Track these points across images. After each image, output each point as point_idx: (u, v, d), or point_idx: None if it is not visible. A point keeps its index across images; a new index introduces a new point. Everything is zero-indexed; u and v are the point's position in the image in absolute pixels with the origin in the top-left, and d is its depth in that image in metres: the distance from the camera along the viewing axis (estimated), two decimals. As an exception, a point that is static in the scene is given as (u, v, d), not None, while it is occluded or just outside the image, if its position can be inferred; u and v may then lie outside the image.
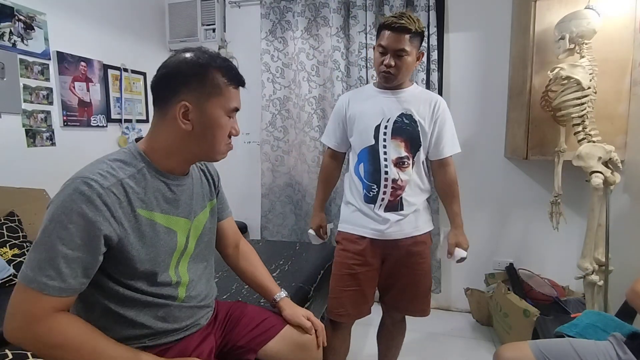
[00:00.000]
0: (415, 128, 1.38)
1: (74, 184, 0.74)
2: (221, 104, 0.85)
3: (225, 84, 0.84)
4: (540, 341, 1.19)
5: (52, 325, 0.72)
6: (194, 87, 0.82)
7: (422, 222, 1.46)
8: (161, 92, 0.84)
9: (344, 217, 1.50)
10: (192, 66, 0.82)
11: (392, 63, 1.32)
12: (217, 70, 0.83)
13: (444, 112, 1.42)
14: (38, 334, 0.71)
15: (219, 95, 0.84)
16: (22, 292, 0.72)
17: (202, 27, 2.74)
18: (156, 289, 0.86)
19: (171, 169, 0.88)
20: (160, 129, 0.85)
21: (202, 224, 0.99)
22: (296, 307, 1.13)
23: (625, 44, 1.81)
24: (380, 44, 1.34)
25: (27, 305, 0.71)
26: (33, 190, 1.85)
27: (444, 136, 1.42)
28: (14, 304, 0.72)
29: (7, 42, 1.80)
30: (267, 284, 1.15)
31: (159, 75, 0.84)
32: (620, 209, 1.81)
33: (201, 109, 0.83)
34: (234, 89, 0.87)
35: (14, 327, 0.72)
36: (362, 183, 1.42)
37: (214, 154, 0.89)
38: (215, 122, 0.85)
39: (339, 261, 1.46)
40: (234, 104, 0.87)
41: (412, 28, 1.29)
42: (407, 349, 1.74)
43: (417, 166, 1.42)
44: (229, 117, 0.87)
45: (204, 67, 0.82)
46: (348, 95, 1.53)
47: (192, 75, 0.82)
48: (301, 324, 1.08)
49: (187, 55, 0.83)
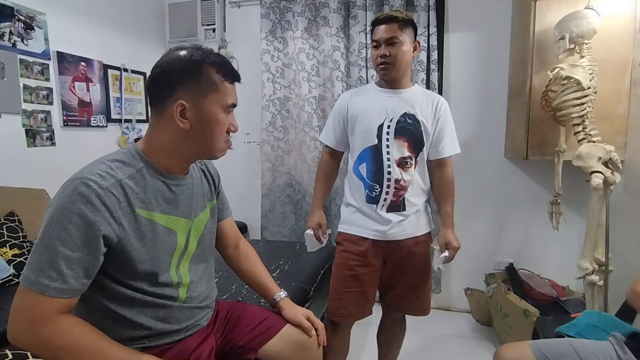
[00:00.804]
0: (419, 128, 1.38)
1: (72, 184, 0.74)
2: (218, 101, 0.84)
3: (220, 80, 0.84)
4: (540, 341, 1.19)
5: (54, 327, 0.72)
6: (190, 84, 0.81)
7: (423, 222, 1.46)
8: (157, 92, 0.84)
9: (344, 218, 1.50)
10: (186, 63, 0.82)
11: (386, 52, 1.33)
12: (212, 67, 0.83)
13: (445, 112, 1.43)
14: (41, 337, 0.71)
15: (215, 91, 0.84)
16: (23, 295, 0.72)
17: (202, 27, 2.74)
18: (157, 289, 0.86)
19: (170, 168, 0.88)
20: (159, 128, 0.85)
21: (203, 224, 0.99)
22: (296, 307, 1.13)
23: (625, 44, 1.81)
24: (373, 40, 1.38)
25: (29, 308, 0.71)
26: (33, 190, 1.85)
27: (444, 136, 1.42)
28: (16, 306, 0.72)
29: (7, 42, 1.80)
30: (267, 284, 1.15)
31: (153, 75, 0.83)
32: (620, 209, 1.81)
33: (198, 106, 0.83)
34: (229, 84, 0.87)
35: (17, 329, 0.72)
36: (363, 183, 1.41)
37: (213, 151, 0.89)
38: (213, 119, 0.85)
39: (340, 262, 1.45)
40: (231, 99, 0.87)
41: (399, 16, 1.33)
42: (407, 349, 1.74)
43: (420, 166, 1.42)
44: (226, 114, 0.87)
45: (198, 63, 0.82)
46: (350, 94, 1.52)
47: (187, 72, 0.81)
48: (301, 323, 1.08)
49: (181, 53, 0.83)
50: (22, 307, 0.72)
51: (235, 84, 0.90)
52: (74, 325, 0.74)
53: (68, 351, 0.72)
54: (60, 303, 0.72)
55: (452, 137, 1.45)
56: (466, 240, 2.39)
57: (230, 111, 0.89)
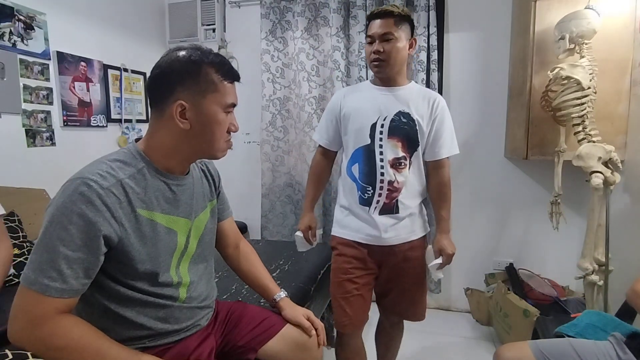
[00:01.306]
0: (413, 127, 1.32)
1: (73, 184, 0.74)
2: (217, 100, 0.84)
3: (219, 80, 0.84)
4: (540, 341, 1.19)
5: (55, 327, 0.72)
6: (189, 85, 0.82)
7: (418, 226, 1.41)
8: (157, 92, 0.84)
9: (337, 220, 1.46)
10: (185, 64, 0.82)
11: (380, 49, 1.28)
12: (210, 66, 0.83)
13: (442, 110, 1.36)
14: (41, 336, 0.71)
15: (215, 91, 0.84)
16: (24, 295, 0.72)
17: (202, 27, 2.74)
18: (157, 289, 0.86)
19: (171, 168, 0.88)
20: (159, 128, 0.85)
21: (203, 224, 0.99)
22: (296, 307, 1.13)
23: (625, 44, 1.81)
24: (367, 35, 1.33)
25: (30, 307, 0.71)
26: (33, 190, 1.85)
27: (441, 136, 1.36)
28: (16, 306, 0.72)
29: (7, 42, 1.80)
30: (267, 284, 1.15)
31: (153, 75, 0.84)
32: (620, 209, 1.81)
33: (198, 106, 0.83)
34: (229, 84, 0.87)
35: (17, 329, 0.72)
36: (356, 184, 1.37)
37: (214, 151, 0.89)
38: (213, 118, 0.85)
39: (336, 267, 1.42)
40: (230, 99, 0.87)
41: (395, 11, 1.27)
42: (407, 349, 1.74)
43: (414, 167, 1.37)
44: (226, 113, 0.87)
45: (197, 64, 0.82)
46: (343, 92, 1.46)
47: (186, 73, 0.81)
48: (300, 323, 1.08)
49: (180, 54, 0.83)
50: (23, 306, 0.72)
51: (235, 83, 0.90)
52: (74, 325, 0.74)
53: (68, 351, 0.72)
54: (61, 303, 0.72)
55: (450, 138, 1.38)
56: (466, 240, 2.42)
57: (230, 111, 0.89)
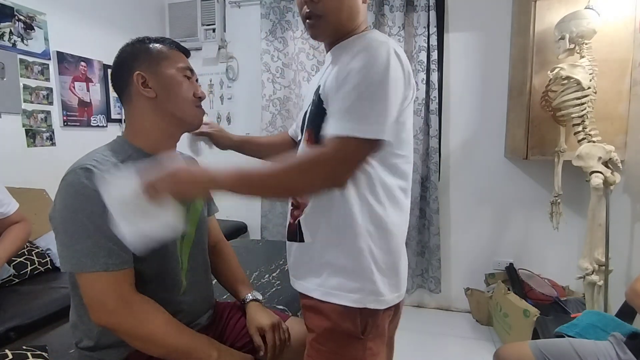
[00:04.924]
0: (319, 106, 0.81)
1: (72, 172, 0.78)
2: (171, 65, 0.89)
3: (168, 49, 0.90)
4: (540, 341, 1.19)
5: (138, 314, 0.77)
6: (143, 59, 0.87)
7: (330, 278, 0.81)
8: (119, 80, 0.89)
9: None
10: (133, 46, 0.90)
11: (307, 10, 0.81)
12: (156, 42, 0.91)
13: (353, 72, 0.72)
14: (129, 323, 0.77)
15: (166, 58, 0.89)
16: (93, 281, 0.76)
17: (202, 27, 2.74)
18: (161, 270, 0.87)
19: (157, 148, 0.90)
20: (132, 113, 0.90)
21: (199, 212, 1.01)
22: (263, 314, 1.02)
23: (625, 44, 1.81)
24: None
25: (101, 287, 0.75)
26: (33, 190, 1.85)
27: (332, 111, 0.77)
28: (94, 292, 0.76)
29: (7, 42, 1.80)
30: (238, 286, 1.11)
31: (112, 70, 0.90)
32: (620, 209, 1.81)
33: (156, 72, 0.87)
34: (178, 52, 0.92)
35: (105, 310, 0.76)
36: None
37: (185, 115, 0.91)
38: (173, 79, 0.88)
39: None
40: (184, 63, 0.91)
41: None
42: (407, 348, 1.73)
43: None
44: (186, 77, 0.90)
45: (145, 42, 0.90)
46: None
47: (137, 51, 0.89)
48: (252, 337, 0.97)
49: (129, 41, 0.91)
50: (101, 290, 0.76)
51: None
52: (155, 313, 0.80)
53: (152, 339, 0.78)
54: (126, 275, 0.78)
55: (342, 112, 0.72)
56: (466, 240, 2.42)
57: (189, 76, 0.92)
